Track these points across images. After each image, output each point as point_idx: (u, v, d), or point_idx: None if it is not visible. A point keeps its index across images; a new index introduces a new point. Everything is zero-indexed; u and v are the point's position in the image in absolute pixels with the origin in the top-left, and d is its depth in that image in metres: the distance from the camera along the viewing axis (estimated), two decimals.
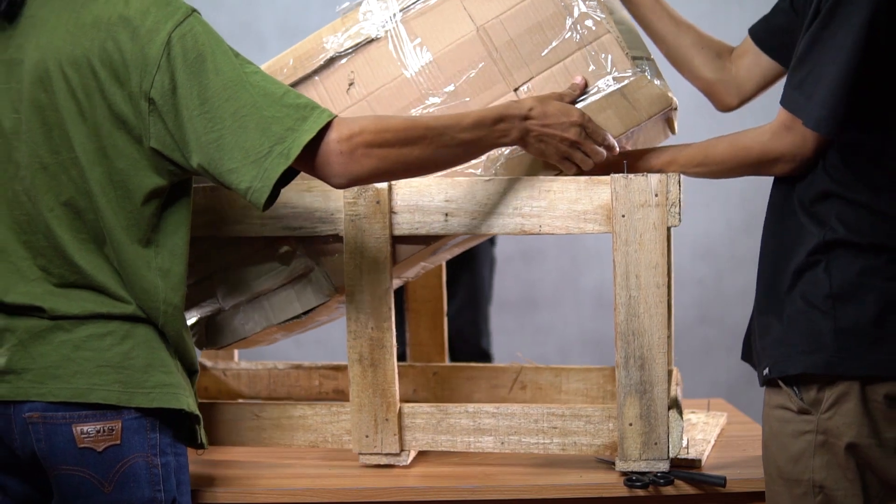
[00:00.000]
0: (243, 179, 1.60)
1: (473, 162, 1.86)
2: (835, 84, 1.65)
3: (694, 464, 1.89)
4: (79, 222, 1.64)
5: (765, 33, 1.99)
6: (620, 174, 1.79)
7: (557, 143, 1.77)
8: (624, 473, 1.85)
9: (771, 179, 1.81)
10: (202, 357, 2.41)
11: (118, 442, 1.62)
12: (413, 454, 1.96)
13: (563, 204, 1.83)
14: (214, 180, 1.63)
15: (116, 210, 1.63)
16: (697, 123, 4.15)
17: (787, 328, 1.73)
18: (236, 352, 2.42)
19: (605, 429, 1.87)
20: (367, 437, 1.93)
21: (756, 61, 2.00)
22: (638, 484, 1.80)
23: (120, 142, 1.62)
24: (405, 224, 1.88)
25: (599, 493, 1.84)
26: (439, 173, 1.84)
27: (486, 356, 3.47)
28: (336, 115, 1.63)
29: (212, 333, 2.03)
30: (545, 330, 4.53)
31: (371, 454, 1.93)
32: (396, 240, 1.90)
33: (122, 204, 1.63)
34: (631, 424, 1.83)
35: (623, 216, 1.79)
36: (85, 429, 1.61)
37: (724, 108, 2.05)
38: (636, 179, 1.79)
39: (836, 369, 1.68)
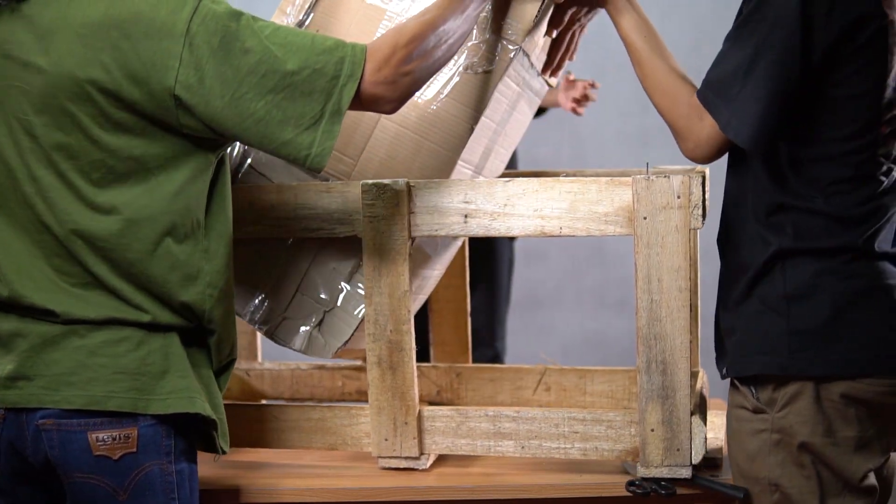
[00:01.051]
0: (301, 148, 1.59)
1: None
2: (763, 100, 1.65)
3: (715, 462, 1.88)
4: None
5: None
6: (642, 176, 1.76)
7: None
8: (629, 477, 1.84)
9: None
10: None
11: (134, 450, 1.60)
12: (432, 458, 1.94)
13: (584, 206, 1.80)
14: (266, 152, 1.63)
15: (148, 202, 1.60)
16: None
17: (743, 329, 1.74)
18: (259, 352, 2.41)
19: (627, 434, 1.84)
20: (386, 440, 1.91)
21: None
22: (639, 492, 1.79)
23: (147, 138, 1.59)
24: (424, 225, 1.86)
25: (599, 493, 1.84)
26: None
27: (497, 359, 3.46)
28: (365, 45, 1.62)
29: (327, 333, 1.98)
30: (547, 329, 4.50)
31: (390, 457, 1.92)
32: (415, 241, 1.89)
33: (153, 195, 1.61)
34: (653, 430, 1.79)
35: (645, 218, 1.76)
36: (101, 436, 1.59)
37: (697, 160, 1.90)
38: (658, 181, 1.75)
39: (790, 370, 1.69)
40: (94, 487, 1.61)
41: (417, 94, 1.78)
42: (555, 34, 1.97)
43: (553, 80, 2.14)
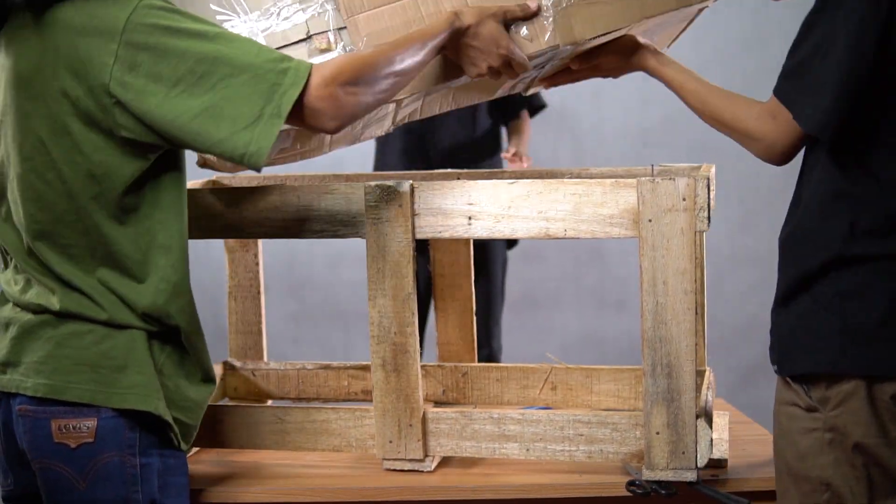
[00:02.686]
0: (237, 146, 1.60)
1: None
2: (836, 85, 1.63)
3: (720, 463, 1.88)
4: (63, 229, 1.65)
5: None
6: (647, 178, 1.75)
7: (479, 65, 1.81)
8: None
9: (769, 174, 1.79)
10: (231, 358, 2.40)
11: (92, 440, 1.64)
12: (437, 460, 1.93)
13: (588, 208, 1.79)
14: (200, 151, 1.66)
15: (103, 204, 1.64)
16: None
17: (797, 326, 1.72)
18: (265, 352, 2.41)
19: (632, 437, 1.83)
20: (390, 442, 1.91)
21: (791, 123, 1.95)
22: (639, 492, 1.78)
23: (93, 136, 1.61)
24: (427, 227, 1.85)
25: (600, 493, 1.83)
26: None
27: (493, 358, 3.46)
28: (312, 63, 1.63)
29: None
30: (546, 329, 4.50)
31: (395, 459, 1.91)
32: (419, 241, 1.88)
33: (107, 196, 1.64)
34: (658, 433, 1.79)
35: (650, 221, 1.75)
36: (62, 424, 1.64)
37: (775, 162, 1.89)
38: (663, 183, 1.74)
39: (842, 368, 1.67)
40: (56, 475, 1.65)
41: None
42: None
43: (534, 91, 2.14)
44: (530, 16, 1.84)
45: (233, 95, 1.58)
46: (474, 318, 2.40)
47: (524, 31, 1.84)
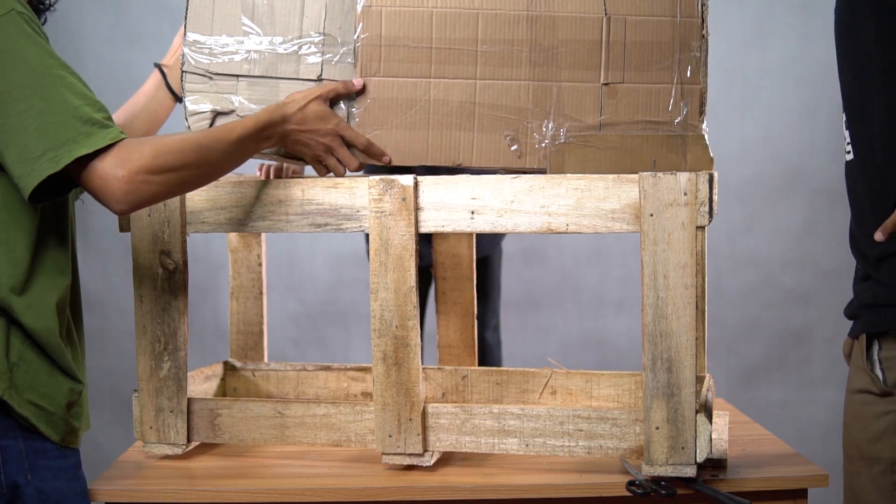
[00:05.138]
0: (13, 174, 1.64)
1: None
2: None
3: (720, 463, 1.88)
4: None
5: None
6: (649, 172, 1.76)
7: (313, 147, 1.87)
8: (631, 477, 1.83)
9: (770, 175, 1.81)
10: (232, 359, 2.41)
11: None
12: (437, 455, 1.93)
13: (590, 202, 1.80)
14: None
15: None
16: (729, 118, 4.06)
17: (880, 284, 1.76)
18: (266, 353, 2.41)
19: (632, 432, 1.83)
20: (390, 436, 1.91)
21: None
22: (639, 492, 1.78)
23: None
24: (431, 221, 1.87)
25: (600, 493, 1.83)
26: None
27: (489, 350, 3.45)
28: (123, 138, 1.65)
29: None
30: (546, 329, 4.48)
31: (394, 454, 1.91)
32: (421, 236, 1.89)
33: None
34: (657, 428, 1.79)
35: (651, 215, 1.76)
36: None
37: None
38: (665, 178, 1.76)
39: None
40: None
41: None
42: None
43: None
44: (354, 92, 1.92)
45: (32, 127, 1.62)
46: (475, 322, 2.41)
47: (515, 146, 1.90)
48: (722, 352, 4.25)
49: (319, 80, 1.94)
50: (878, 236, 1.76)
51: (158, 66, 2.20)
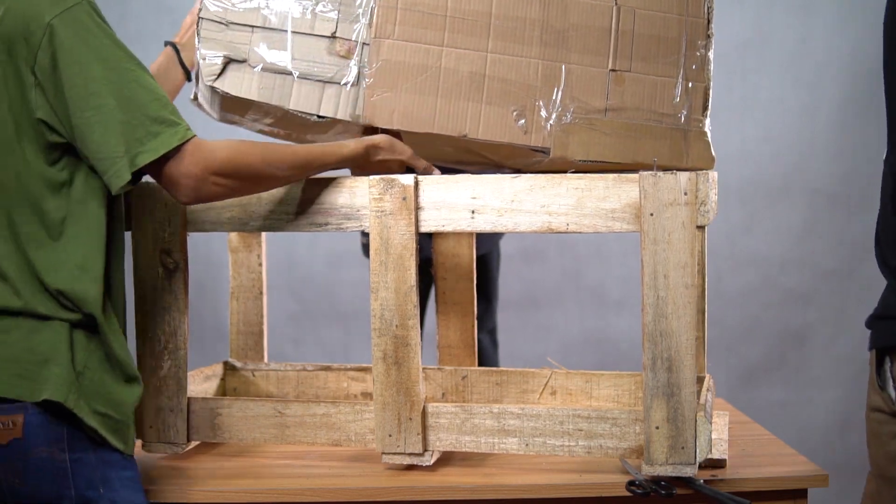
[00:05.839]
0: (97, 168, 1.67)
1: None
2: None
3: (719, 463, 1.87)
4: None
5: None
6: (649, 172, 1.77)
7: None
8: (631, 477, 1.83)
9: (770, 175, 1.81)
10: (232, 359, 2.41)
11: (20, 436, 1.64)
12: (437, 455, 1.93)
13: (591, 202, 1.80)
14: (84, 153, 1.68)
15: (26, 197, 1.67)
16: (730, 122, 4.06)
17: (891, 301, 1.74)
18: (266, 353, 2.41)
19: (632, 432, 1.83)
20: (390, 436, 1.91)
21: None
22: (639, 492, 1.78)
23: (26, 119, 1.66)
24: (431, 221, 1.87)
25: (600, 493, 1.83)
26: None
27: (485, 350, 3.44)
28: (193, 137, 1.67)
29: (229, 79, 1.97)
30: (546, 329, 4.49)
31: (394, 454, 1.91)
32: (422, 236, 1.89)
33: (31, 190, 1.67)
34: (657, 427, 1.79)
35: (651, 215, 1.76)
36: None
37: None
38: (665, 178, 1.75)
39: None
40: None
41: None
42: None
43: None
44: (426, 172, 1.94)
45: (110, 125, 1.64)
46: (475, 322, 2.41)
47: (521, 121, 1.90)
48: (722, 352, 4.25)
49: (333, 36, 1.93)
50: None
51: (171, 44, 2.22)
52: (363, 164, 1.90)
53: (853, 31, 4.20)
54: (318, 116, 1.92)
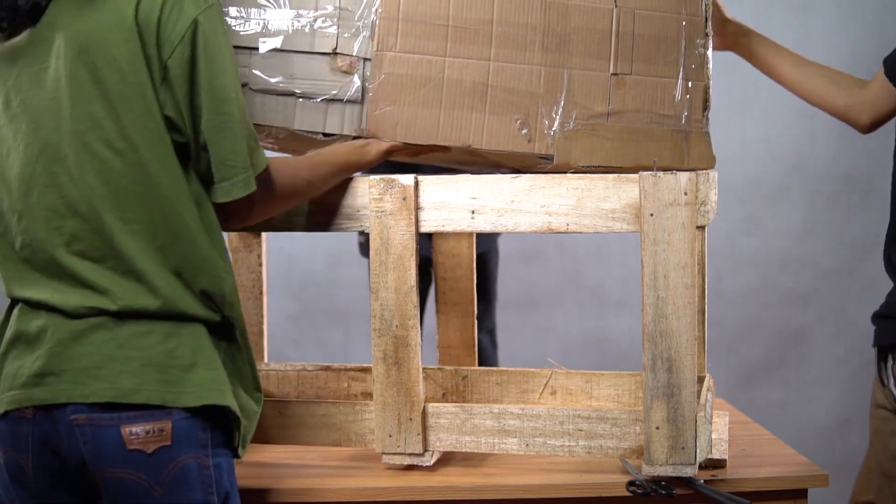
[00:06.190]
0: (223, 176, 1.62)
1: None
2: None
3: (719, 463, 1.88)
4: (128, 202, 1.58)
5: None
6: (649, 172, 1.77)
7: None
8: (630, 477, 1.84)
9: (770, 175, 1.83)
10: None
11: (168, 443, 1.57)
12: (437, 455, 1.94)
13: (591, 202, 1.81)
14: (206, 157, 1.62)
15: (173, 190, 1.60)
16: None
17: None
18: (266, 353, 2.41)
19: (632, 432, 1.83)
20: (390, 436, 1.91)
21: (887, 88, 2.02)
22: (639, 492, 1.78)
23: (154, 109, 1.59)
24: (431, 221, 1.87)
25: (600, 493, 1.83)
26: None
27: (483, 351, 3.44)
28: (268, 162, 1.69)
29: None
30: (546, 329, 4.48)
31: (394, 454, 1.91)
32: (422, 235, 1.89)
33: (174, 184, 1.60)
34: (658, 428, 1.79)
35: (652, 215, 1.76)
36: (134, 430, 1.55)
37: (861, 129, 2.07)
38: (665, 178, 1.76)
39: None
40: (130, 483, 1.56)
41: None
42: None
43: None
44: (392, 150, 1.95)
45: (237, 132, 1.62)
46: (475, 321, 2.41)
47: (525, 130, 1.90)
48: (722, 352, 4.25)
49: (334, 52, 1.93)
50: None
51: None
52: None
53: (852, 30, 4.20)
54: (324, 135, 1.92)
